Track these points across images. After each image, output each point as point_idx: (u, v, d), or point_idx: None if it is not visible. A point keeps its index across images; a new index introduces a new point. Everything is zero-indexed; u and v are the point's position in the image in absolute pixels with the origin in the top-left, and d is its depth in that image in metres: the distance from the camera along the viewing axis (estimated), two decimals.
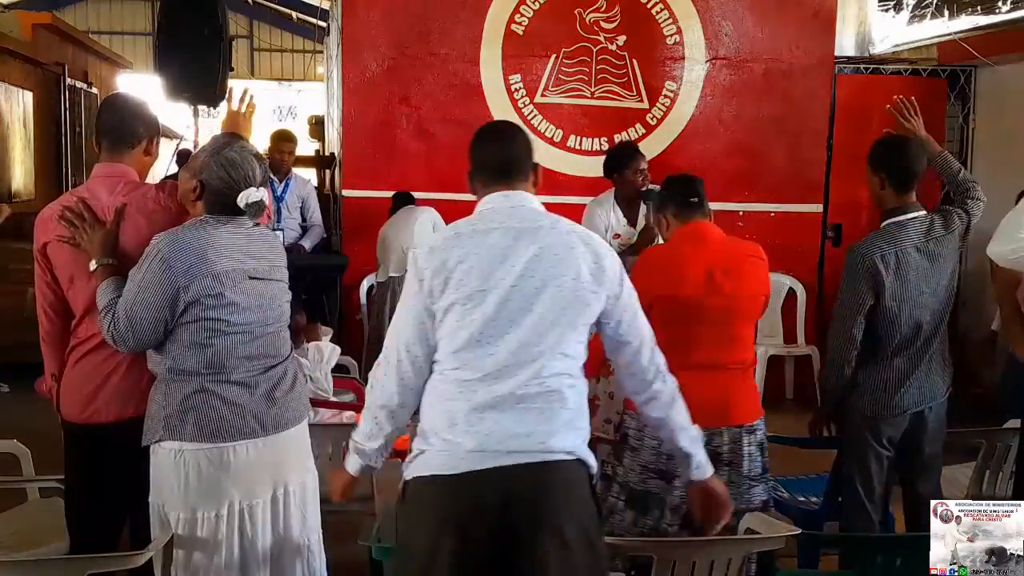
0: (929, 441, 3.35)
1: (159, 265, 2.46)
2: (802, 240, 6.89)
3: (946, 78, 6.98)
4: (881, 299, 3.21)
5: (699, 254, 3.08)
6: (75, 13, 18.57)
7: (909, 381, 3.28)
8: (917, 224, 3.25)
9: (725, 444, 3.07)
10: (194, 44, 5.45)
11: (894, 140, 3.40)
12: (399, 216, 5.99)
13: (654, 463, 3.05)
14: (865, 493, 3.33)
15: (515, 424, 2.10)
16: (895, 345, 3.27)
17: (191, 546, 2.52)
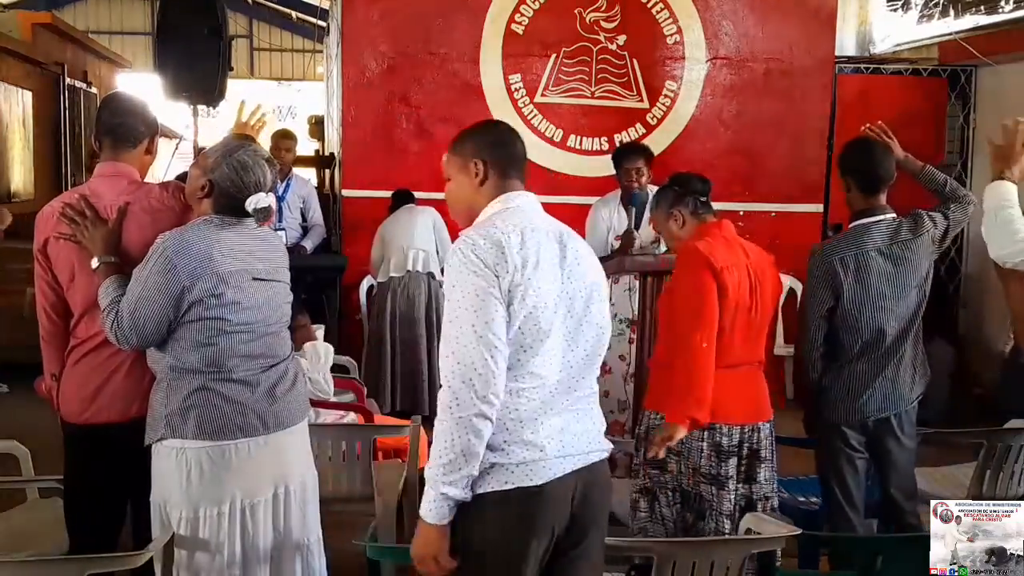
0: (897, 446, 3.31)
1: (164, 264, 2.46)
2: (802, 240, 6.84)
3: (947, 78, 6.98)
4: (840, 302, 3.22)
5: (738, 254, 3.08)
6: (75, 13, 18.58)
7: (873, 387, 3.26)
8: (883, 227, 3.24)
9: (764, 439, 3.09)
10: (194, 44, 5.45)
11: (859, 143, 3.40)
12: (399, 216, 5.98)
13: (705, 467, 3.04)
14: (843, 497, 3.32)
15: (582, 425, 2.15)
16: (857, 349, 3.26)
17: (193, 544, 2.52)
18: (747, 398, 3.09)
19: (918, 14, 6.88)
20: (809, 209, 6.85)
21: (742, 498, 3.07)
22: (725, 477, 3.03)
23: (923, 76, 6.97)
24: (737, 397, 3.04)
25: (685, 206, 3.16)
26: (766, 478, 3.10)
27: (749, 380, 3.11)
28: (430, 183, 6.38)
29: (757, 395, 3.14)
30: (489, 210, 2.16)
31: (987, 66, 6.70)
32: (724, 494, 3.03)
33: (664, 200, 3.20)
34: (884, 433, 3.29)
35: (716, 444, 3.03)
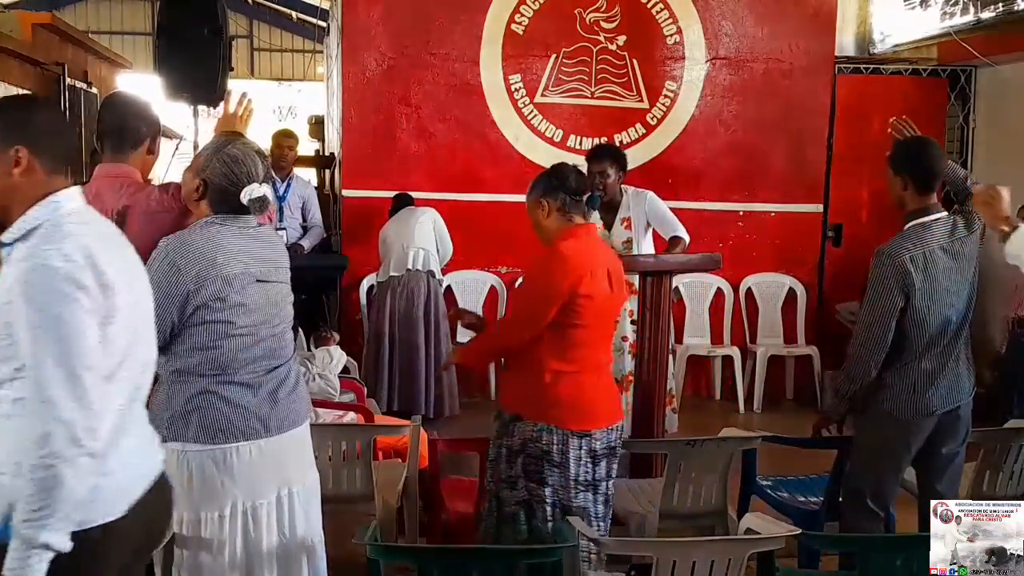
0: (954, 440, 3.35)
1: (168, 268, 2.45)
2: (802, 240, 6.89)
3: (946, 78, 6.99)
4: (911, 300, 3.21)
5: (600, 253, 3.07)
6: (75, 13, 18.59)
7: (938, 381, 3.28)
8: (941, 224, 3.26)
9: (614, 437, 3.09)
10: (194, 44, 5.45)
11: (917, 141, 3.41)
12: (399, 217, 5.99)
13: (583, 475, 3.00)
14: (876, 495, 3.33)
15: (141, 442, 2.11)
16: (923, 345, 3.26)
17: (196, 546, 2.52)
18: (611, 399, 3.14)
19: (939, 11, 6.86)
20: (809, 209, 6.86)
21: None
22: (599, 480, 3.03)
23: (923, 76, 6.97)
24: (605, 399, 3.09)
25: (555, 199, 3.05)
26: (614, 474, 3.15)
27: (610, 381, 3.21)
28: (430, 183, 6.40)
29: (616, 395, 3.23)
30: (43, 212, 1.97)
31: (987, 66, 6.70)
32: (597, 497, 3.04)
33: (537, 186, 3.10)
34: (948, 427, 3.31)
35: (591, 451, 3.01)
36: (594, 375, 3.04)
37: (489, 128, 6.52)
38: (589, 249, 3.02)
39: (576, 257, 2.94)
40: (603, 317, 3.05)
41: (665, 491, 3.50)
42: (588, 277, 2.92)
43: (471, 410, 6.13)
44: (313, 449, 2.81)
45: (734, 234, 6.78)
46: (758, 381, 6.54)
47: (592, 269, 2.95)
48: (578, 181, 3.08)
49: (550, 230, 3.04)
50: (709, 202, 6.69)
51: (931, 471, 3.38)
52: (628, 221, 4.82)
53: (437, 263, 5.98)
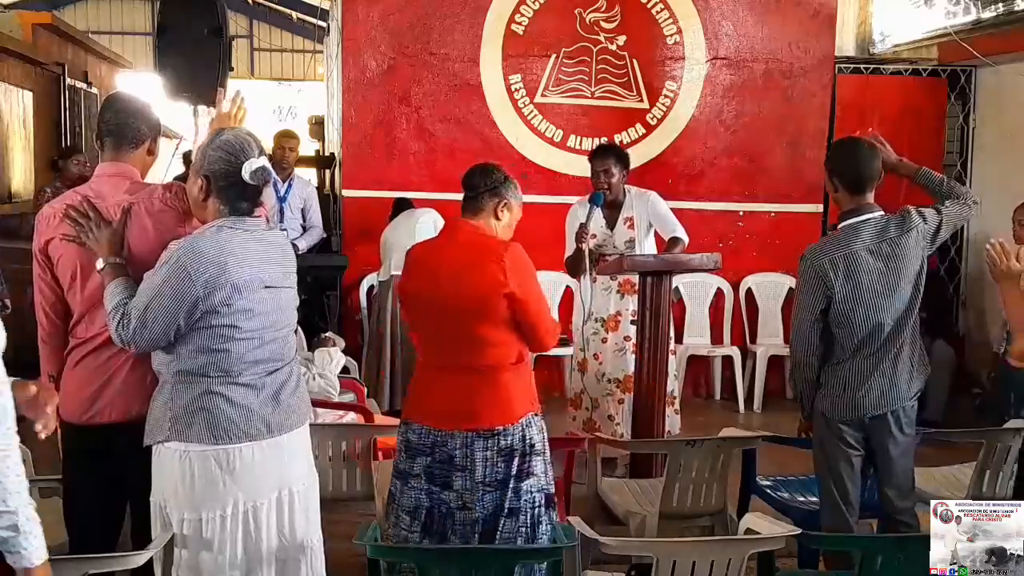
0: (893, 444, 3.30)
1: (179, 272, 2.45)
2: (802, 240, 6.80)
3: (946, 78, 6.99)
4: (833, 302, 3.23)
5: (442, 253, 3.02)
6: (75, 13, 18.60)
7: (869, 383, 3.26)
8: (870, 226, 3.25)
9: (457, 448, 2.93)
10: (194, 44, 5.44)
11: (844, 143, 3.45)
12: (400, 218, 6.00)
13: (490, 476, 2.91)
14: (839, 495, 3.32)
15: None
16: (853, 346, 3.27)
17: (196, 546, 2.52)
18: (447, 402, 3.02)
19: (940, 11, 6.86)
20: (808, 209, 6.85)
21: (437, 502, 2.96)
22: (508, 476, 2.92)
23: (923, 76, 6.97)
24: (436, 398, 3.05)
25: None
26: (460, 487, 2.96)
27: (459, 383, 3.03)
28: (430, 183, 6.40)
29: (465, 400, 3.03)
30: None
31: (987, 66, 6.70)
32: (407, 490, 2.97)
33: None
34: (881, 430, 3.29)
35: (502, 448, 2.90)
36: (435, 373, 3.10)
37: (489, 128, 6.52)
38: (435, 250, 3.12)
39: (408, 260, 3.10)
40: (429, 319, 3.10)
41: (665, 491, 3.50)
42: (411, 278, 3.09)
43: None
44: (313, 449, 2.81)
45: (734, 234, 6.78)
46: (758, 381, 6.54)
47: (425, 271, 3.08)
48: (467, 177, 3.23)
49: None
50: (709, 202, 6.69)
51: (879, 473, 3.37)
52: (631, 221, 4.82)
53: None
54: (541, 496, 2.96)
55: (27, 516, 1.85)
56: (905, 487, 3.35)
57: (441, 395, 2.97)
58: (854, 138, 3.44)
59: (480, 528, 2.90)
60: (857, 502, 3.35)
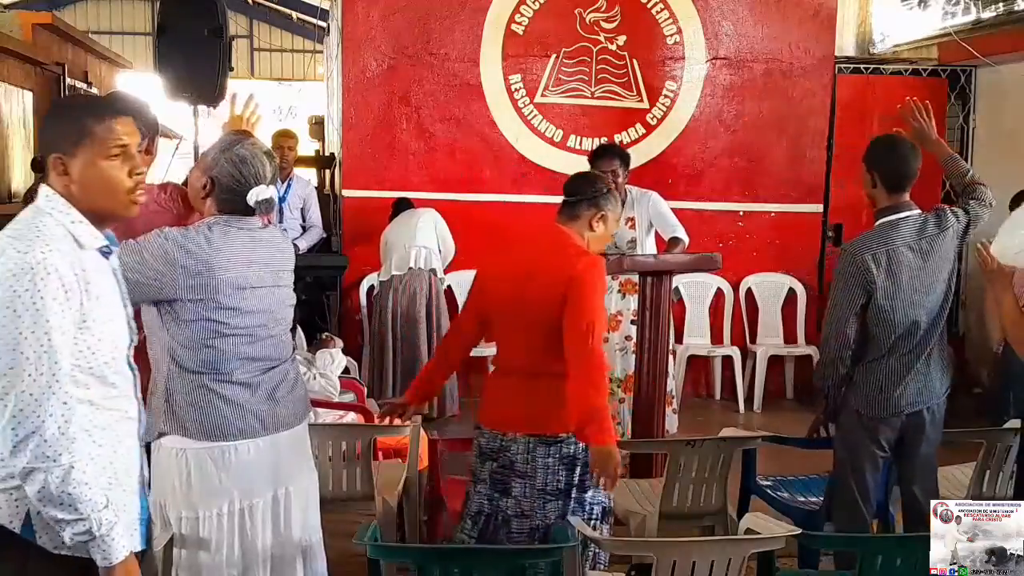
0: (925, 442, 3.34)
1: (160, 254, 2.42)
2: (802, 240, 6.89)
3: (946, 78, 6.99)
4: (873, 298, 3.22)
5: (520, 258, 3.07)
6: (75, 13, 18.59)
7: (905, 380, 3.27)
8: (910, 223, 3.25)
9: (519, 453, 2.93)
10: (194, 44, 5.44)
11: (888, 139, 3.41)
12: (400, 219, 6.00)
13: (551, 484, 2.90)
14: (859, 493, 3.32)
15: None
16: (890, 344, 3.27)
17: (193, 545, 2.52)
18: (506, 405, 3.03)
19: (941, 11, 6.86)
20: (809, 209, 6.86)
21: (496, 509, 2.97)
22: (571, 486, 2.91)
23: (923, 76, 6.97)
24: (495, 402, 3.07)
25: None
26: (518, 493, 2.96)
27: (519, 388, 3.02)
28: (430, 183, 6.41)
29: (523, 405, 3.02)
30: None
31: (987, 66, 6.70)
32: (473, 492, 2.99)
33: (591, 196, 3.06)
34: (916, 427, 3.31)
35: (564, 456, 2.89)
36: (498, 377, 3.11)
37: (489, 128, 6.52)
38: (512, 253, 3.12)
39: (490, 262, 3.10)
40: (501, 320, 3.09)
41: (665, 491, 3.49)
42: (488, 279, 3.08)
43: (471, 410, 6.12)
44: (313, 449, 2.81)
45: (734, 234, 6.78)
46: (758, 381, 6.54)
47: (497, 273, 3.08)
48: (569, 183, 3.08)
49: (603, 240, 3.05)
50: (709, 202, 6.69)
51: (907, 472, 3.38)
52: (632, 221, 4.82)
53: (439, 261, 5.99)
54: (599, 509, 2.96)
55: (100, 521, 1.85)
56: (931, 487, 3.37)
57: (507, 399, 2.96)
58: (897, 136, 3.41)
59: (540, 536, 2.88)
60: (875, 504, 3.36)
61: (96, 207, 1.95)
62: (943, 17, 6.87)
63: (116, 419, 1.99)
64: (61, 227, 1.88)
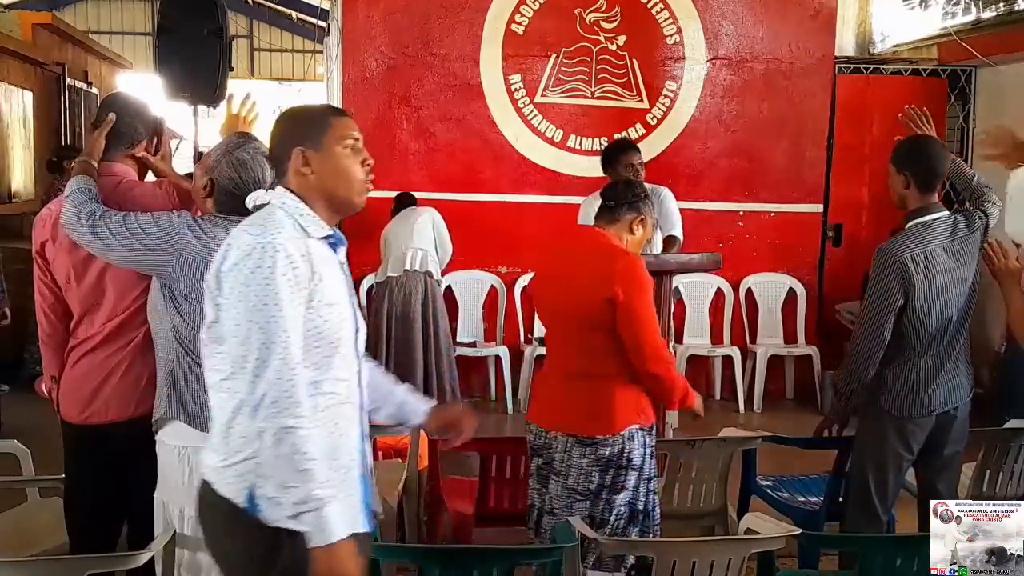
0: (952, 441, 3.35)
1: (169, 227, 2.51)
2: (802, 240, 6.89)
3: (946, 78, 6.98)
4: (910, 299, 3.21)
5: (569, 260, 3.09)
6: (75, 13, 18.60)
7: (936, 381, 3.27)
8: (942, 224, 3.26)
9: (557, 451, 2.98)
10: (194, 44, 5.44)
11: (919, 140, 3.39)
12: (400, 217, 6.01)
13: (583, 484, 2.92)
14: (878, 495, 3.32)
15: None
16: (922, 344, 3.26)
17: (195, 545, 2.52)
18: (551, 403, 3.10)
19: (941, 11, 6.87)
20: (809, 209, 6.85)
21: (538, 501, 3.03)
22: (602, 488, 2.93)
23: (923, 76, 6.97)
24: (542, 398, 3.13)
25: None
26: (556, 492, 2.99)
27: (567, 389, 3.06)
28: (430, 183, 6.40)
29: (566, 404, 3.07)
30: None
31: (987, 66, 6.70)
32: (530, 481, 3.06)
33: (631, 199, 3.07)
34: (944, 427, 3.31)
35: (599, 457, 2.93)
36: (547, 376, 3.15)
37: (489, 128, 6.52)
38: (558, 255, 3.13)
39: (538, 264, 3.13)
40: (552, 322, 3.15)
41: (665, 491, 3.49)
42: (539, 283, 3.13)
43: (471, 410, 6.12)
44: None
45: (734, 234, 6.78)
46: (758, 381, 6.54)
47: (545, 275, 3.15)
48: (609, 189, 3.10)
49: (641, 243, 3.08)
50: (709, 202, 6.69)
51: (932, 471, 3.38)
52: None
53: (436, 263, 5.98)
54: (627, 510, 2.97)
55: (320, 494, 1.85)
56: (955, 485, 3.42)
57: (550, 398, 3.03)
58: (929, 137, 3.41)
59: None
60: (892, 506, 3.37)
61: (334, 195, 2.05)
62: (943, 17, 6.87)
63: (338, 402, 2.01)
64: (290, 218, 1.98)
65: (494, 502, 3.62)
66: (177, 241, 2.48)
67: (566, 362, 3.00)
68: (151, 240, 2.49)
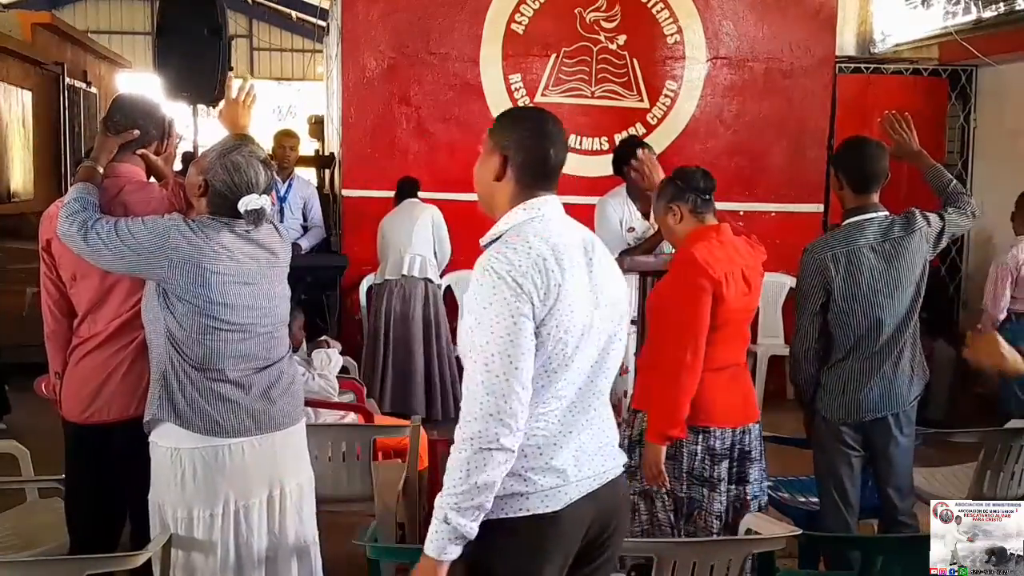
0: (894, 444, 3.30)
1: (161, 231, 2.50)
2: (802, 240, 6.79)
3: (947, 78, 6.98)
4: (832, 298, 3.23)
5: (735, 259, 3.05)
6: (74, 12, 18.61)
7: (869, 384, 3.25)
8: (875, 224, 3.24)
9: (754, 440, 3.10)
10: (194, 44, 5.44)
11: (854, 140, 3.40)
12: (400, 213, 5.98)
13: (698, 470, 3.02)
14: (838, 495, 3.31)
15: (598, 441, 2.06)
16: (851, 345, 3.26)
17: (188, 546, 2.52)
18: (736, 400, 3.10)
19: (941, 11, 6.87)
20: (809, 209, 6.85)
21: (735, 499, 3.07)
22: (717, 479, 3.02)
23: (924, 76, 6.97)
24: (727, 400, 3.05)
25: (685, 202, 3.14)
26: (756, 478, 3.10)
27: (737, 382, 3.14)
28: (430, 182, 6.39)
29: (745, 396, 3.16)
30: (513, 218, 2.03)
31: (987, 66, 6.70)
32: (715, 495, 3.03)
33: (665, 193, 3.17)
34: (881, 432, 3.29)
35: (709, 448, 3.01)
36: (718, 375, 3.01)
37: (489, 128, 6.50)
38: (724, 251, 3.01)
39: (713, 263, 2.93)
40: (736, 319, 3.07)
41: None
42: (724, 282, 2.93)
43: None
44: (313, 449, 2.81)
45: None
46: (758, 381, 6.52)
47: (728, 272, 2.96)
48: (705, 180, 3.17)
49: (683, 234, 3.09)
50: None
51: (879, 472, 3.36)
52: None
53: (435, 268, 5.99)
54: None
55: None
56: (905, 487, 3.35)
57: (731, 395, 3.11)
58: (863, 137, 3.41)
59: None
60: (857, 503, 3.34)
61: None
62: (944, 17, 6.87)
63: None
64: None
65: None
66: (167, 245, 2.48)
67: (739, 356, 3.14)
68: (141, 246, 2.49)
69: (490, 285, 1.90)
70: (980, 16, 6.50)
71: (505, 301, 1.88)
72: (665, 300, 3.05)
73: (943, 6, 6.86)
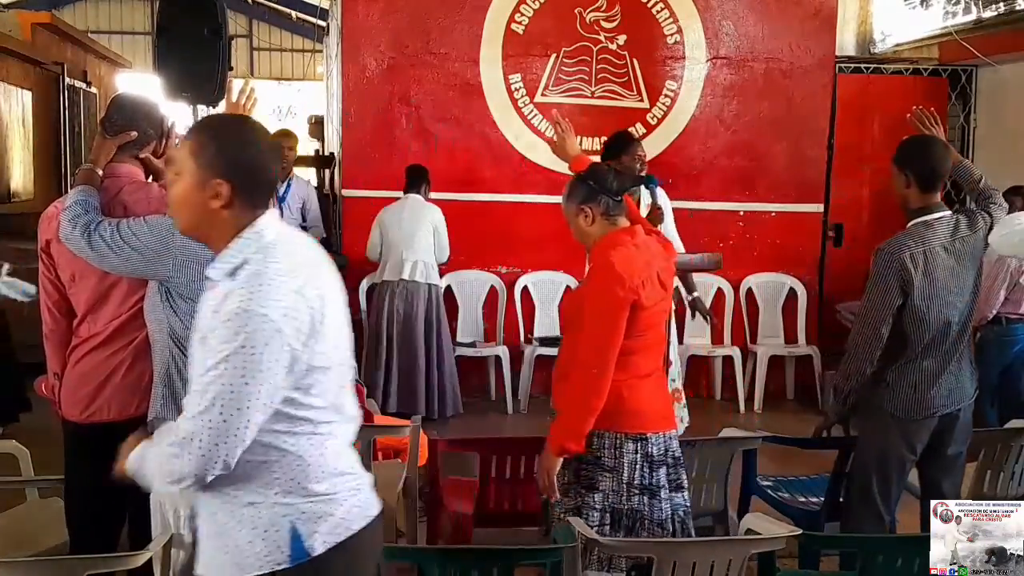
0: (955, 442, 3.34)
1: (166, 230, 2.51)
2: (802, 240, 6.89)
3: (947, 77, 6.98)
4: (910, 298, 3.20)
5: (650, 257, 2.91)
6: (74, 12, 18.60)
7: (939, 382, 3.27)
8: (944, 223, 3.25)
9: (678, 446, 2.99)
10: (194, 44, 5.44)
11: (921, 139, 3.39)
12: (402, 210, 5.96)
13: (637, 479, 2.88)
14: (881, 495, 3.31)
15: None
16: (924, 345, 3.25)
17: (189, 546, 2.51)
18: (663, 405, 3.01)
19: (942, 11, 6.87)
20: (809, 209, 6.85)
21: (675, 507, 2.94)
22: (657, 486, 2.89)
23: (923, 76, 6.97)
24: (656, 405, 2.95)
25: (597, 204, 2.90)
26: (686, 484, 3.00)
27: (661, 386, 3.06)
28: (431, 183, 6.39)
29: (667, 400, 3.10)
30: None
31: (987, 66, 6.70)
32: (655, 503, 2.89)
33: (576, 193, 2.94)
34: (949, 428, 3.31)
35: (647, 455, 2.87)
36: (645, 381, 2.91)
37: (489, 128, 6.51)
38: (640, 256, 2.86)
39: (632, 272, 2.79)
40: (655, 322, 2.93)
41: None
42: (642, 288, 2.79)
43: (471, 410, 6.15)
44: None
45: (734, 234, 6.77)
46: (758, 381, 6.54)
47: (646, 277, 2.82)
48: (619, 182, 2.93)
49: (595, 237, 2.91)
50: (709, 202, 6.69)
51: (936, 472, 3.38)
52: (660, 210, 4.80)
53: (436, 271, 6.00)
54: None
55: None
56: (959, 484, 3.42)
57: (659, 400, 3.03)
58: (930, 136, 3.41)
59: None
60: (895, 507, 3.36)
61: None
62: (944, 16, 6.87)
63: None
64: None
65: (494, 502, 3.62)
66: (171, 244, 2.48)
67: (659, 360, 3.04)
68: (145, 247, 2.49)
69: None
70: (980, 16, 6.50)
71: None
72: (580, 311, 2.87)
73: (943, 6, 6.86)
